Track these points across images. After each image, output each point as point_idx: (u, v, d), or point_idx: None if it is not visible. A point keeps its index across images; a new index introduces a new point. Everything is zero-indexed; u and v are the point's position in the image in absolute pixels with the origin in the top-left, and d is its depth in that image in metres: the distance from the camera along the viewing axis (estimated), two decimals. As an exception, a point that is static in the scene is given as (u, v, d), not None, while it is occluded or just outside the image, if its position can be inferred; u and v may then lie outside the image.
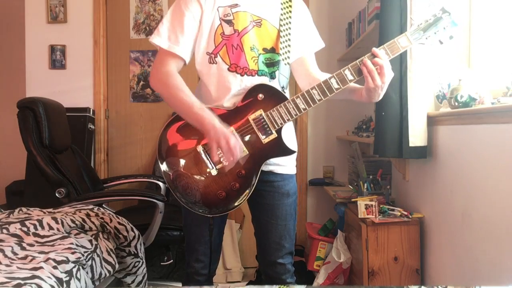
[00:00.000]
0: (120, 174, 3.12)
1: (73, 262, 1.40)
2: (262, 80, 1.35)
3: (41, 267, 1.30)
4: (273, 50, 1.38)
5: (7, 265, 1.32)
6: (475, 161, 1.58)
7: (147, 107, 3.29)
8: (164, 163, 1.34)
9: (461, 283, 1.70)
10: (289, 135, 1.41)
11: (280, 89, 1.36)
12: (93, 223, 1.74)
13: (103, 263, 1.60)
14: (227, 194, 1.30)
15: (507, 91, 1.49)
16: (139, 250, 1.87)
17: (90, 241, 1.61)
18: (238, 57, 1.33)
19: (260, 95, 1.30)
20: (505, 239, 1.39)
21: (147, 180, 2.81)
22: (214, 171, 1.29)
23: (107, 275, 1.62)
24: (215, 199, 1.30)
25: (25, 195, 2.91)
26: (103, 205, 2.18)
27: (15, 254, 1.42)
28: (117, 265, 1.68)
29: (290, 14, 1.40)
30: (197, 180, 1.30)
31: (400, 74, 1.90)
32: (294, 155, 1.40)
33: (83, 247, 1.54)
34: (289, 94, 1.41)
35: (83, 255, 1.47)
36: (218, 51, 1.34)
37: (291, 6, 1.42)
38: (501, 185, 1.41)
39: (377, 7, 2.17)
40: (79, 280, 1.40)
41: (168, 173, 1.33)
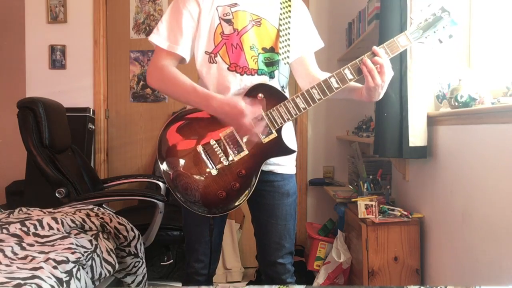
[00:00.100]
0: (120, 174, 3.12)
1: (73, 262, 1.40)
2: (262, 80, 1.35)
3: (41, 267, 1.30)
4: (272, 50, 1.38)
5: (7, 265, 1.32)
6: (475, 161, 1.58)
7: (147, 107, 3.29)
8: (164, 163, 1.33)
9: (461, 283, 1.70)
10: (289, 134, 1.41)
11: (280, 89, 1.36)
12: (93, 223, 1.74)
13: (103, 263, 1.60)
14: (228, 194, 1.30)
15: (507, 91, 1.49)
16: (139, 250, 1.87)
17: (90, 241, 1.61)
18: (237, 56, 1.33)
19: (260, 94, 1.30)
20: (505, 239, 1.39)
21: (147, 180, 2.81)
22: (214, 171, 1.29)
23: (107, 275, 1.62)
24: (216, 199, 1.30)
25: (25, 195, 2.91)
26: (103, 205, 2.18)
27: (15, 254, 1.42)
28: (117, 265, 1.68)
29: (290, 14, 1.40)
30: (197, 180, 1.30)
31: (400, 74, 1.90)
32: (294, 155, 1.40)
33: (83, 247, 1.54)
34: (288, 94, 1.41)
35: (83, 255, 1.47)
36: (217, 50, 1.34)
37: (290, 5, 1.41)
38: (501, 185, 1.41)
39: (377, 7, 2.17)
40: (79, 280, 1.40)
41: (168, 173, 1.33)
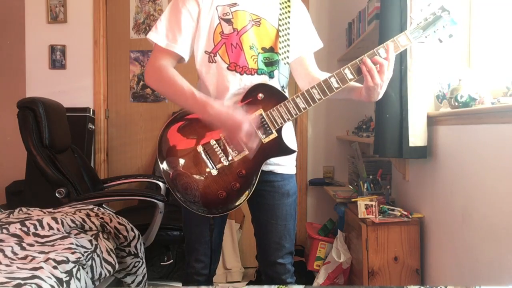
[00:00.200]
0: (120, 174, 3.12)
1: (73, 262, 1.40)
2: (262, 79, 1.35)
3: (41, 267, 1.30)
4: (272, 50, 1.37)
5: (7, 265, 1.32)
6: (475, 161, 1.58)
7: (147, 107, 3.29)
8: (164, 163, 1.33)
9: (461, 283, 1.70)
10: (289, 134, 1.41)
11: (280, 89, 1.36)
12: (93, 223, 1.74)
13: (103, 263, 1.60)
14: (228, 194, 1.30)
15: (507, 91, 1.49)
16: (139, 250, 1.87)
17: (90, 241, 1.61)
18: (237, 56, 1.33)
19: (260, 94, 1.30)
20: (505, 239, 1.39)
21: (147, 180, 2.81)
22: (214, 171, 1.29)
23: (107, 275, 1.62)
24: (216, 199, 1.30)
25: (25, 195, 2.91)
26: (103, 205, 2.18)
27: (15, 254, 1.42)
28: (117, 265, 1.68)
29: (289, 14, 1.40)
30: (197, 180, 1.30)
31: (400, 74, 1.90)
32: (294, 155, 1.40)
33: (83, 247, 1.54)
34: (288, 94, 1.41)
35: (83, 255, 1.47)
36: (217, 50, 1.34)
37: (290, 6, 1.41)
38: (501, 185, 1.41)
39: (377, 7, 2.17)
40: (79, 280, 1.39)
41: (168, 173, 1.33)
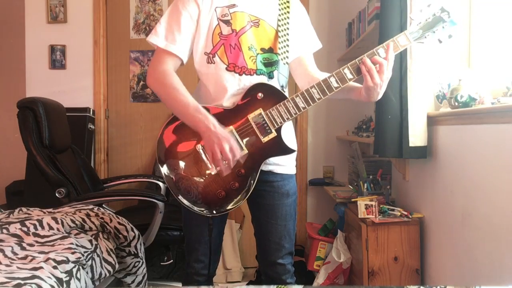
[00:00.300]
0: (120, 174, 3.12)
1: (73, 262, 1.40)
2: (261, 79, 1.35)
3: (41, 267, 1.30)
4: (271, 50, 1.37)
5: (7, 265, 1.32)
6: (475, 161, 1.58)
7: (147, 107, 3.29)
8: (164, 163, 1.33)
9: (461, 283, 1.70)
10: (289, 134, 1.41)
11: (279, 88, 1.36)
12: (93, 223, 1.74)
13: (103, 263, 1.60)
14: (227, 193, 1.30)
15: (507, 91, 1.49)
16: (139, 250, 1.87)
17: (90, 241, 1.61)
18: (236, 56, 1.33)
19: (260, 94, 1.30)
20: (505, 239, 1.39)
21: (147, 180, 2.81)
22: (213, 170, 1.29)
23: (107, 275, 1.62)
24: (215, 199, 1.30)
25: (25, 195, 2.91)
26: (103, 205, 2.18)
27: (15, 254, 1.42)
28: (117, 265, 1.68)
29: (288, 15, 1.40)
30: (196, 180, 1.30)
31: (400, 74, 1.90)
32: (294, 155, 1.40)
33: (83, 247, 1.54)
34: (288, 94, 1.41)
35: (83, 255, 1.47)
36: (216, 51, 1.34)
37: (289, 6, 1.41)
38: (501, 185, 1.41)
39: (377, 7, 2.17)
40: (79, 280, 1.40)
41: (167, 173, 1.33)
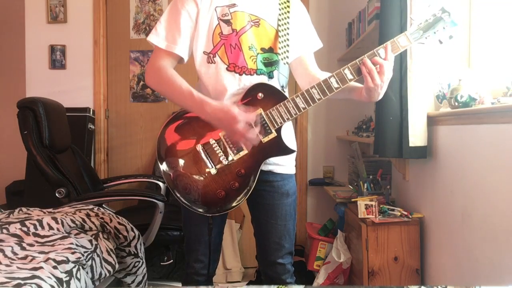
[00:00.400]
0: (120, 174, 3.12)
1: (73, 262, 1.40)
2: (261, 80, 1.35)
3: (41, 267, 1.30)
4: (271, 50, 1.37)
5: (7, 265, 1.32)
6: (475, 161, 1.58)
7: (147, 107, 3.29)
8: (164, 163, 1.33)
9: (461, 283, 1.70)
10: (289, 134, 1.41)
11: (279, 88, 1.36)
12: (93, 223, 1.74)
13: (103, 263, 1.60)
14: (227, 193, 1.30)
15: (507, 91, 1.49)
16: (139, 250, 1.87)
17: (90, 241, 1.61)
18: (236, 56, 1.33)
19: (260, 94, 1.30)
20: (505, 239, 1.39)
21: (147, 180, 2.81)
22: (213, 170, 1.29)
23: (107, 275, 1.62)
24: (215, 199, 1.30)
25: (25, 195, 2.91)
26: (103, 205, 2.18)
27: (15, 254, 1.42)
28: (117, 265, 1.68)
29: (288, 14, 1.40)
30: (196, 180, 1.30)
31: (400, 74, 1.90)
32: (294, 155, 1.40)
33: (83, 247, 1.54)
34: (288, 94, 1.41)
35: (83, 255, 1.47)
36: (216, 50, 1.34)
37: (289, 6, 1.41)
38: (501, 185, 1.41)
39: (377, 7, 2.17)
40: (79, 280, 1.39)
41: (167, 172, 1.33)
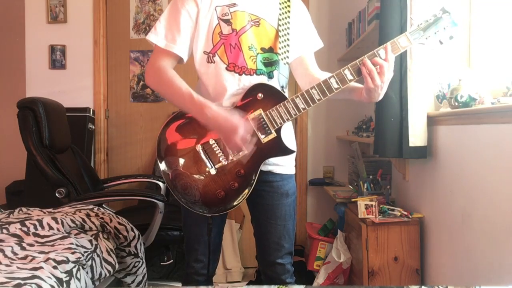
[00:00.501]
0: (120, 174, 3.12)
1: (73, 262, 1.40)
2: (261, 80, 1.35)
3: (41, 267, 1.30)
4: (271, 50, 1.37)
5: (7, 265, 1.32)
6: (475, 161, 1.58)
7: (147, 107, 3.29)
8: (163, 162, 1.34)
9: (461, 283, 1.70)
10: (288, 135, 1.41)
11: (279, 89, 1.36)
12: (93, 223, 1.74)
13: (103, 263, 1.60)
14: (226, 193, 1.30)
15: (507, 91, 1.49)
16: (139, 250, 1.87)
17: (90, 241, 1.61)
18: (236, 56, 1.33)
19: (260, 94, 1.30)
20: (505, 239, 1.39)
21: (147, 180, 2.81)
22: (213, 170, 1.29)
23: (107, 275, 1.62)
24: (214, 199, 1.30)
25: (25, 195, 2.91)
26: (103, 205, 2.18)
27: (15, 254, 1.42)
28: (117, 265, 1.68)
29: (289, 14, 1.40)
30: (196, 180, 1.30)
31: (400, 74, 1.90)
32: (293, 155, 1.40)
33: (83, 247, 1.54)
34: (288, 94, 1.41)
35: (83, 255, 1.47)
36: (216, 50, 1.34)
37: (289, 6, 1.41)
38: (501, 185, 1.41)
39: (377, 7, 2.17)
40: (79, 280, 1.40)
41: (167, 172, 1.33)
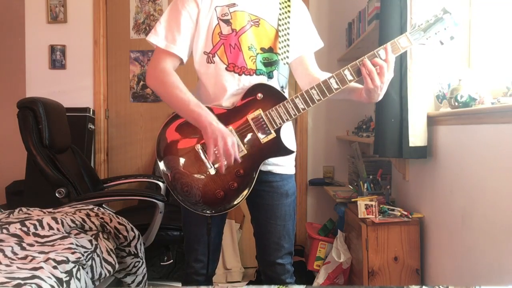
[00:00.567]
0: (120, 174, 3.12)
1: (73, 262, 1.40)
2: (261, 80, 1.35)
3: (41, 267, 1.30)
4: (271, 50, 1.37)
5: (7, 265, 1.32)
6: (475, 161, 1.58)
7: (147, 107, 3.29)
8: (163, 162, 1.34)
9: (461, 283, 1.70)
10: (288, 135, 1.41)
11: (279, 89, 1.36)
12: (93, 223, 1.74)
13: (103, 263, 1.60)
14: (226, 193, 1.30)
15: (507, 91, 1.49)
16: (139, 250, 1.87)
17: (90, 241, 1.61)
18: (236, 56, 1.33)
19: (259, 94, 1.30)
20: (505, 239, 1.39)
21: (147, 180, 2.81)
22: (212, 170, 1.29)
23: (107, 275, 1.62)
24: (214, 199, 1.31)
25: (25, 195, 2.91)
26: (103, 205, 2.18)
27: (15, 254, 1.42)
28: (117, 265, 1.68)
29: (289, 14, 1.40)
30: (195, 179, 1.31)
31: (400, 74, 1.90)
32: (293, 155, 1.40)
33: (83, 247, 1.54)
34: (288, 94, 1.41)
35: (83, 255, 1.47)
36: (216, 50, 1.34)
37: (289, 6, 1.41)
38: (501, 185, 1.41)
39: (377, 7, 2.17)
40: (79, 280, 1.40)
41: (166, 171, 1.33)
